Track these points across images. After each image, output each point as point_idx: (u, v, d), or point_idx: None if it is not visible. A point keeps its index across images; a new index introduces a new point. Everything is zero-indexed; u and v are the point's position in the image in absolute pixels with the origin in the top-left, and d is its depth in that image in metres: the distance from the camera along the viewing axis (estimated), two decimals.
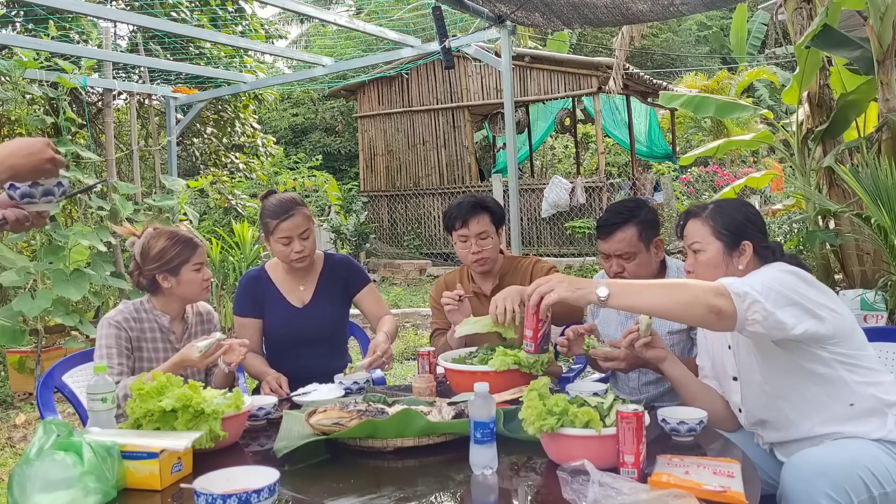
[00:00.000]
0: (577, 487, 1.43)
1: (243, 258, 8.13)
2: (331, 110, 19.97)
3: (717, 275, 1.90)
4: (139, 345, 2.37)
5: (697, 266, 1.99)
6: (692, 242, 2.01)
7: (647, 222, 2.43)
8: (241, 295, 2.76)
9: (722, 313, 1.67)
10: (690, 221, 2.04)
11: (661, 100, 5.72)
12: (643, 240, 2.41)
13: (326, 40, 12.95)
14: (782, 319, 1.69)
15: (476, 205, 2.67)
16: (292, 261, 2.63)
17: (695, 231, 2.01)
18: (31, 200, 1.58)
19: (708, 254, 1.97)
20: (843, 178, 3.99)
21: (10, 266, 5.08)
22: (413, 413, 1.77)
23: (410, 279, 11.48)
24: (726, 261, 1.95)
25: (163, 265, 2.36)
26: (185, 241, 2.41)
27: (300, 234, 2.61)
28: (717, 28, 23.27)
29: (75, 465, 1.49)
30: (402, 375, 5.66)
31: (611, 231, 2.42)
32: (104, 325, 2.34)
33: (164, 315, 2.43)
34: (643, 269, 2.43)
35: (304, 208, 2.65)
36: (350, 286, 2.84)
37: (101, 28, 6.41)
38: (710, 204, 2.06)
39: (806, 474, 1.69)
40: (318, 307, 2.74)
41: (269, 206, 2.63)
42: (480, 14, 5.06)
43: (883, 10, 3.98)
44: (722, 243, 1.96)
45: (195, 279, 2.40)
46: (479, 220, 2.65)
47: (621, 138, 14.19)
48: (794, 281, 1.78)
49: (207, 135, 9.28)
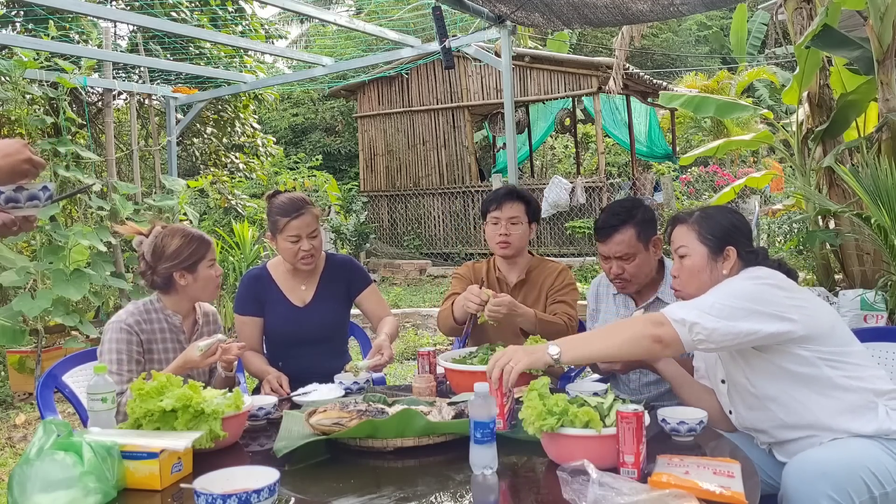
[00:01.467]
0: (577, 487, 1.43)
1: (243, 258, 8.13)
2: (331, 110, 19.97)
3: (702, 279, 1.98)
4: (150, 346, 2.34)
5: (682, 271, 2.03)
6: (678, 247, 2.05)
7: (644, 222, 2.43)
8: (243, 293, 2.75)
9: (665, 341, 1.75)
10: (678, 227, 2.09)
11: (661, 100, 5.72)
12: (641, 240, 2.42)
13: (326, 40, 12.95)
14: (738, 330, 1.74)
15: (513, 191, 2.78)
16: (300, 259, 2.63)
17: (681, 236, 2.05)
18: (17, 205, 1.57)
19: (693, 258, 2.01)
20: (843, 178, 4.00)
21: (10, 266, 5.08)
22: (413, 413, 1.77)
23: (410, 279, 11.48)
24: (710, 265, 1.99)
25: (180, 263, 2.34)
26: (199, 237, 2.41)
27: (309, 234, 2.61)
28: (717, 28, 23.27)
29: (75, 465, 1.49)
30: (402, 375, 5.66)
31: (609, 233, 2.42)
32: (115, 328, 2.28)
33: (175, 315, 2.41)
34: (642, 269, 2.43)
35: (314, 208, 2.66)
36: (352, 287, 2.84)
37: (101, 28, 6.41)
38: (697, 210, 2.10)
39: (808, 476, 1.69)
40: (319, 307, 2.74)
41: (279, 204, 2.63)
42: (480, 14, 5.06)
43: (883, 10, 3.98)
44: (707, 248, 2.00)
45: (211, 276, 2.40)
46: (513, 206, 2.72)
47: (621, 138, 14.19)
48: (757, 289, 1.82)
49: (207, 135, 9.28)
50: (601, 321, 2.64)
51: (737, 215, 2.09)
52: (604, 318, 2.63)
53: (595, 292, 2.70)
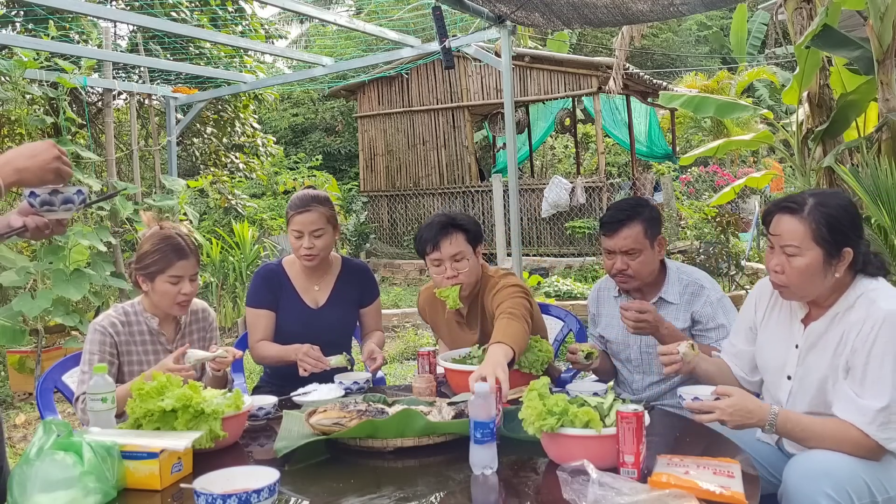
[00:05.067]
0: (577, 487, 1.43)
1: (243, 258, 8.13)
2: (331, 110, 19.96)
3: (815, 283, 1.82)
4: (128, 349, 2.31)
5: (790, 270, 1.83)
6: (787, 244, 1.82)
7: (651, 220, 2.43)
8: (258, 285, 2.71)
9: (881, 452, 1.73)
10: (787, 217, 1.84)
11: (661, 100, 5.72)
12: (648, 237, 2.41)
13: (326, 40, 12.94)
14: None
15: (447, 224, 2.46)
16: (301, 256, 2.62)
17: (791, 231, 1.82)
18: (51, 208, 1.58)
19: (805, 259, 1.80)
20: (843, 178, 3.99)
21: (10, 266, 5.08)
22: (413, 413, 1.77)
23: (410, 279, 11.48)
24: (825, 269, 1.81)
25: (141, 269, 2.30)
26: (170, 249, 2.28)
27: (312, 232, 2.58)
28: (717, 28, 23.26)
29: (75, 465, 1.49)
30: (402, 375, 5.65)
31: (616, 228, 2.40)
32: (91, 330, 2.29)
33: (153, 318, 2.36)
34: (646, 267, 2.42)
35: (324, 208, 2.61)
36: (364, 296, 2.83)
37: (101, 28, 6.41)
38: (810, 198, 1.84)
39: (810, 473, 1.68)
40: (332, 310, 2.72)
41: (293, 199, 2.64)
42: (480, 14, 5.06)
43: (883, 10, 3.98)
44: (822, 250, 1.79)
45: (168, 292, 2.28)
46: (451, 241, 2.44)
47: (621, 138, 14.19)
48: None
49: (207, 135, 9.28)
50: (603, 326, 2.63)
51: (853, 207, 1.86)
52: (606, 321, 2.61)
53: (596, 297, 2.68)
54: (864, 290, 1.83)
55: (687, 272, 2.51)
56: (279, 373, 2.71)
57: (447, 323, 2.66)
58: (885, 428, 1.70)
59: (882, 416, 1.70)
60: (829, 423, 1.76)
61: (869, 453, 1.72)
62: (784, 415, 1.78)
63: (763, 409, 1.77)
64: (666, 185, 11.72)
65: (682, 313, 2.44)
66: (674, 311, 2.44)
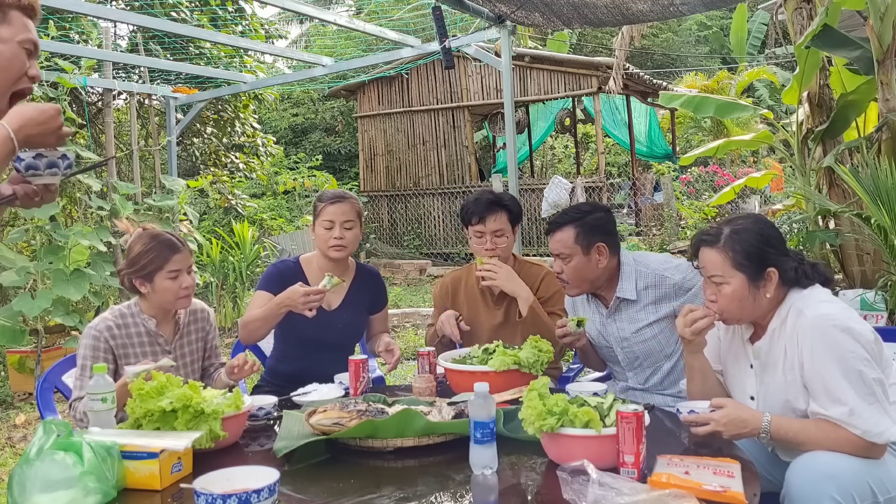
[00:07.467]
0: (577, 487, 1.43)
1: (243, 258, 8.13)
2: (331, 110, 19.95)
3: (745, 307, 1.87)
4: (125, 351, 2.29)
5: (721, 299, 1.89)
6: (711, 274, 1.90)
7: (591, 227, 2.42)
8: (273, 274, 2.69)
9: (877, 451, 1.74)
10: (706, 249, 1.93)
11: (661, 100, 5.72)
12: (580, 243, 2.40)
13: (326, 40, 12.94)
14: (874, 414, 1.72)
15: (494, 202, 2.67)
16: (330, 247, 2.62)
17: (712, 262, 1.90)
18: (36, 172, 1.55)
19: (732, 286, 1.87)
20: (843, 178, 3.99)
21: (10, 266, 5.08)
22: (413, 413, 1.77)
23: (410, 279, 11.47)
24: (752, 292, 1.86)
25: (137, 271, 2.29)
26: (162, 245, 2.29)
27: (343, 223, 2.63)
28: (717, 28, 23.26)
29: (75, 465, 1.49)
30: (402, 375, 5.65)
31: (552, 230, 2.48)
32: (86, 334, 2.27)
33: (150, 319, 2.34)
34: (580, 273, 2.43)
35: (356, 203, 2.70)
36: (375, 302, 2.84)
37: (101, 28, 6.41)
38: (725, 228, 1.92)
39: (814, 476, 1.68)
40: (345, 314, 2.71)
41: (325, 193, 2.71)
42: (480, 14, 5.06)
43: (883, 10, 3.98)
44: (744, 275, 1.86)
45: (170, 288, 2.28)
46: (496, 218, 2.65)
47: (621, 138, 14.19)
48: (859, 354, 1.74)
49: (207, 135, 9.28)
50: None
51: (768, 228, 1.93)
52: (582, 313, 2.61)
53: (571, 302, 2.68)
54: (793, 302, 1.88)
55: (646, 263, 2.49)
56: (279, 373, 2.71)
57: (468, 302, 2.79)
58: (864, 422, 1.71)
59: (854, 419, 1.71)
60: (823, 424, 1.77)
61: (869, 451, 1.72)
62: (777, 421, 1.80)
63: (756, 417, 1.80)
64: (666, 185, 11.71)
65: (646, 308, 2.44)
66: (635, 308, 2.45)
